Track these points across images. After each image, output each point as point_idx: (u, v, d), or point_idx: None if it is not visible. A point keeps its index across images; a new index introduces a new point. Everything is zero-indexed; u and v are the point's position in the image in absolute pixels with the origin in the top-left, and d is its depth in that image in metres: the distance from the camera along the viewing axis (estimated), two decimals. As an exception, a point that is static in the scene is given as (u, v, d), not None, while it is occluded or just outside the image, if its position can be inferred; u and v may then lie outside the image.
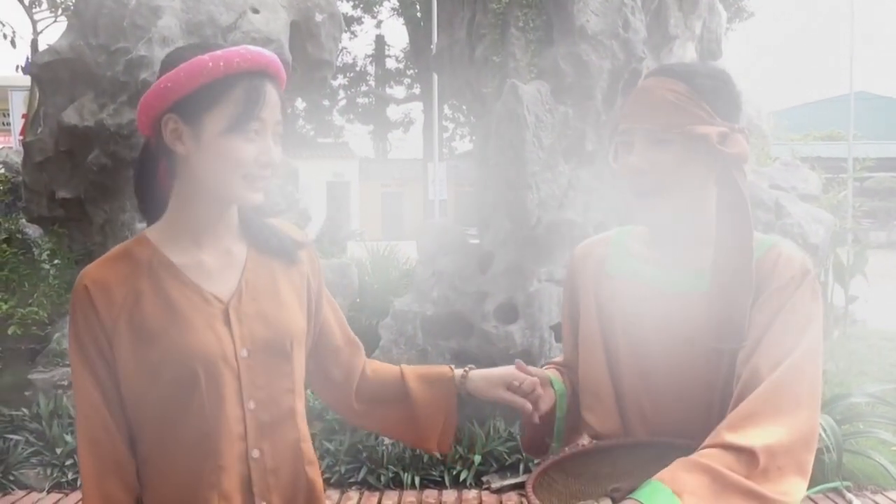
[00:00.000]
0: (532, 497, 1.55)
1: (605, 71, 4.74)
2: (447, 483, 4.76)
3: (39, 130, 5.96)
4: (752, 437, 1.34)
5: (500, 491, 4.69)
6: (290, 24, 6.02)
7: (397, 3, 29.37)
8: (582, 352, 1.73)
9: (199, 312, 1.52)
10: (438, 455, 4.84)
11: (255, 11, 5.83)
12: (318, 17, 6.11)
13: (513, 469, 4.84)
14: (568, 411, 1.79)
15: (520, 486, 4.72)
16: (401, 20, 30.52)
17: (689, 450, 1.41)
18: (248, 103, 1.46)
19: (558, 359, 1.93)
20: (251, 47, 1.49)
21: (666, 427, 1.59)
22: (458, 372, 1.77)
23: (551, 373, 1.81)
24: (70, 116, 5.72)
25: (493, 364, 4.94)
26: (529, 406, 1.68)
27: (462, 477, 4.77)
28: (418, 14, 28.05)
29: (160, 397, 1.49)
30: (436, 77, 18.37)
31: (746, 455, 1.32)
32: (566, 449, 1.78)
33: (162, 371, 1.48)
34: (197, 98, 1.46)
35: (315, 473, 1.66)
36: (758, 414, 1.38)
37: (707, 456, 1.34)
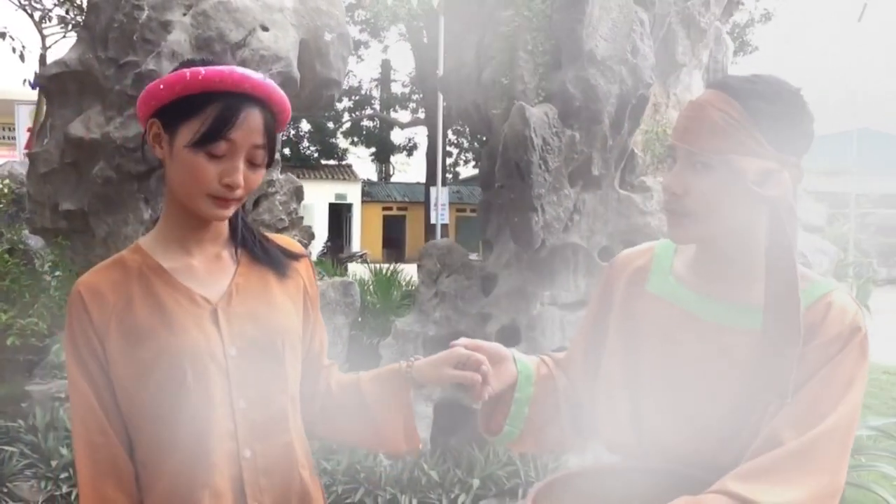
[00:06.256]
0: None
1: (614, 95, 4.74)
2: (445, 506, 4.71)
3: (45, 142, 5.96)
4: (760, 494, 1.27)
5: (498, 515, 4.65)
6: (300, 42, 6.04)
7: (405, 29, 29.55)
8: (605, 364, 1.64)
9: (187, 313, 1.54)
10: (437, 478, 4.80)
11: (265, 29, 5.84)
12: (328, 37, 6.13)
13: (511, 493, 4.79)
14: (537, 402, 1.70)
15: (518, 512, 4.68)
16: (407, 45, 30.71)
17: (708, 483, 1.36)
18: (216, 122, 1.46)
19: (559, 354, 1.82)
20: (240, 70, 1.50)
21: (687, 459, 1.49)
22: (404, 364, 1.71)
23: (521, 357, 1.73)
24: (76, 129, 5.72)
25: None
26: (478, 377, 1.60)
27: (461, 500, 4.71)
28: (425, 40, 28.23)
29: (152, 398, 1.50)
30: (441, 102, 18.46)
31: None
32: (574, 467, 1.69)
33: (152, 371, 1.50)
34: (174, 109, 1.49)
35: (309, 476, 1.65)
36: (776, 471, 1.29)
37: (711, 500, 1.29)
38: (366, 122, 36.10)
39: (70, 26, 15.69)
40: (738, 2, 5.98)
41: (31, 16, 15.90)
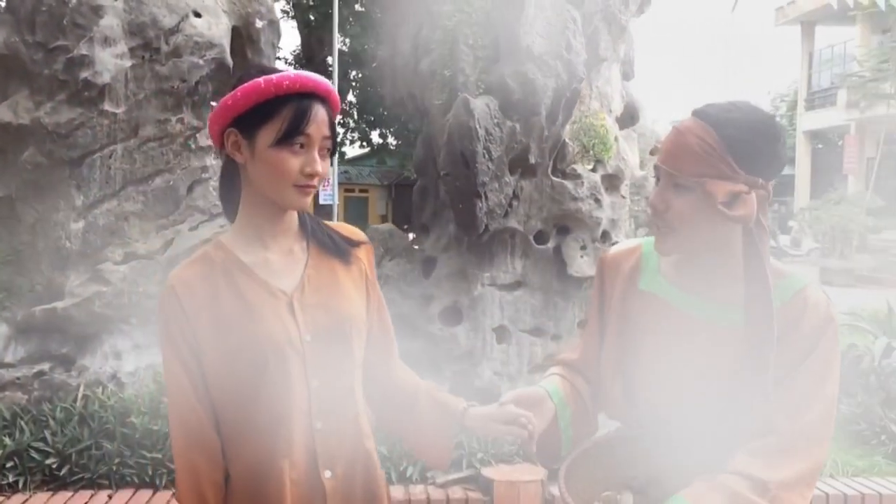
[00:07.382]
0: (563, 485, 1.76)
1: (550, 89, 5.04)
2: (394, 479, 4.92)
3: (-33, 126, 5.78)
4: (767, 471, 1.50)
5: (444, 485, 4.91)
6: (232, 29, 6.07)
7: (288, 6, 29.10)
8: (604, 351, 1.85)
9: (267, 304, 1.73)
10: (385, 452, 5.02)
11: (198, 15, 5.85)
12: (259, 24, 6.19)
13: (456, 465, 5.05)
14: (575, 418, 1.88)
15: (463, 481, 4.96)
16: (292, 23, 30.27)
17: (700, 447, 1.62)
18: (294, 120, 1.66)
19: (571, 356, 2.00)
20: (302, 73, 1.71)
21: (680, 430, 1.68)
22: (462, 405, 1.91)
23: (551, 385, 1.89)
24: (3, 113, 5.58)
25: (436, 364, 5.12)
26: (525, 434, 1.78)
27: (409, 473, 4.96)
28: (312, 19, 27.93)
29: (238, 380, 1.70)
30: (336, 82, 18.44)
31: (761, 485, 1.49)
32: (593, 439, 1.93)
33: (238, 357, 1.69)
34: (252, 115, 1.68)
35: (371, 446, 1.86)
36: (779, 452, 1.52)
37: (726, 479, 1.51)
38: (249, 101, 35.31)
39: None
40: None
41: None
